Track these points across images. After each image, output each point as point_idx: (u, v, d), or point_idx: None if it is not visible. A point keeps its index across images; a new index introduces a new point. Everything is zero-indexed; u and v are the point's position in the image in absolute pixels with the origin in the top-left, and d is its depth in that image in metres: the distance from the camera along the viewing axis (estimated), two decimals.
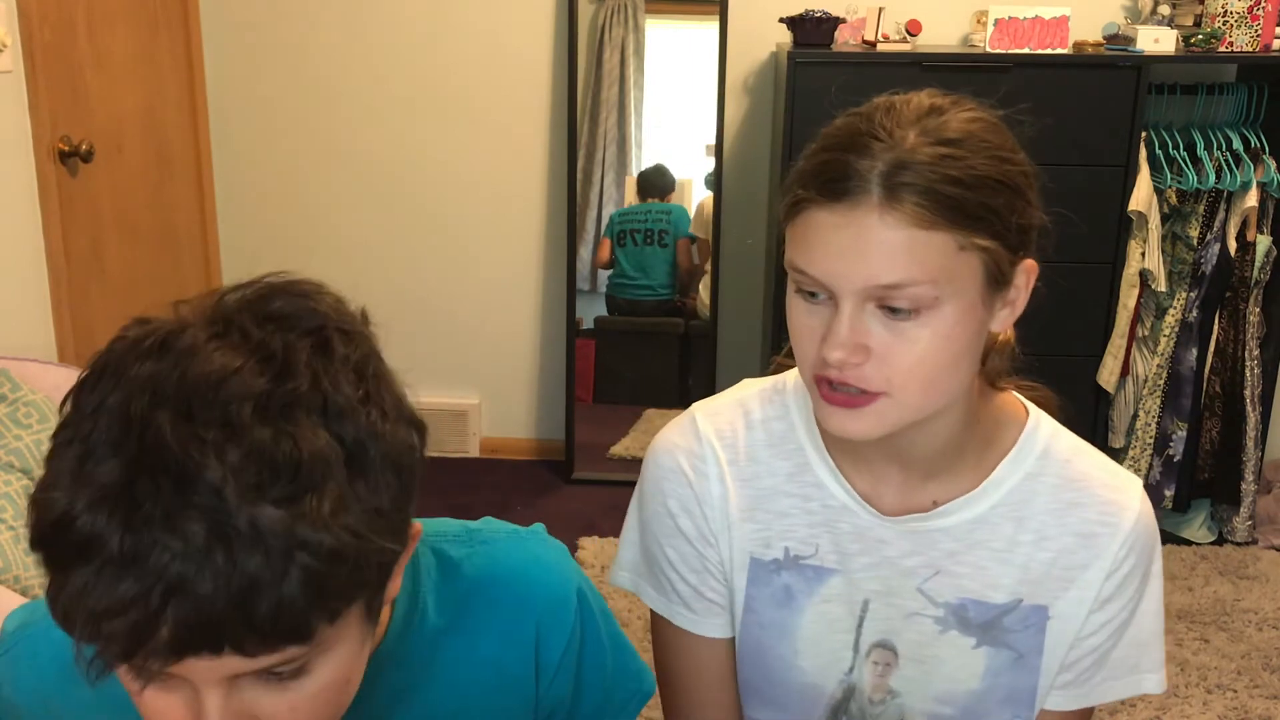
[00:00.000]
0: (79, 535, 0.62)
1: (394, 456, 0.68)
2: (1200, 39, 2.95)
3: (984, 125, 0.93)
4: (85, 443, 0.63)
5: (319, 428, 0.64)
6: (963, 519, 1.02)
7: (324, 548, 0.63)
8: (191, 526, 0.60)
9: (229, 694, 0.67)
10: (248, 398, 0.63)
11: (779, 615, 1.08)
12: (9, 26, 2.41)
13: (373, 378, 0.69)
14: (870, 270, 0.87)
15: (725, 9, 3.29)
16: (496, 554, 0.91)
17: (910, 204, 0.86)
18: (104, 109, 2.78)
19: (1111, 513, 1.02)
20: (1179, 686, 2.47)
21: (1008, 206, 0.90)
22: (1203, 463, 3.13)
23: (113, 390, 0.64)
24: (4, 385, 2.07)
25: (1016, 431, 1.04)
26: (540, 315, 3.61)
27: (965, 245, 0.87)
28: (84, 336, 2.70)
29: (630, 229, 3.64)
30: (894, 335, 0.89)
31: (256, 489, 0.61)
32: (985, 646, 1.05)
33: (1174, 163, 2.96)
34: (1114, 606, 1.03)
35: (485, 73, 3.43)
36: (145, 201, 3.00)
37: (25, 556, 1.87)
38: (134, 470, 0.62)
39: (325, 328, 0.69)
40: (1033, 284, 0.96)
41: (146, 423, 0.62)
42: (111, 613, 0.61)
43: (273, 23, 3.44)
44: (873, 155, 0.88)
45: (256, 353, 0.65)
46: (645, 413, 3.69)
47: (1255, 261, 2.99)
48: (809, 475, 1.06)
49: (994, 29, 2.90)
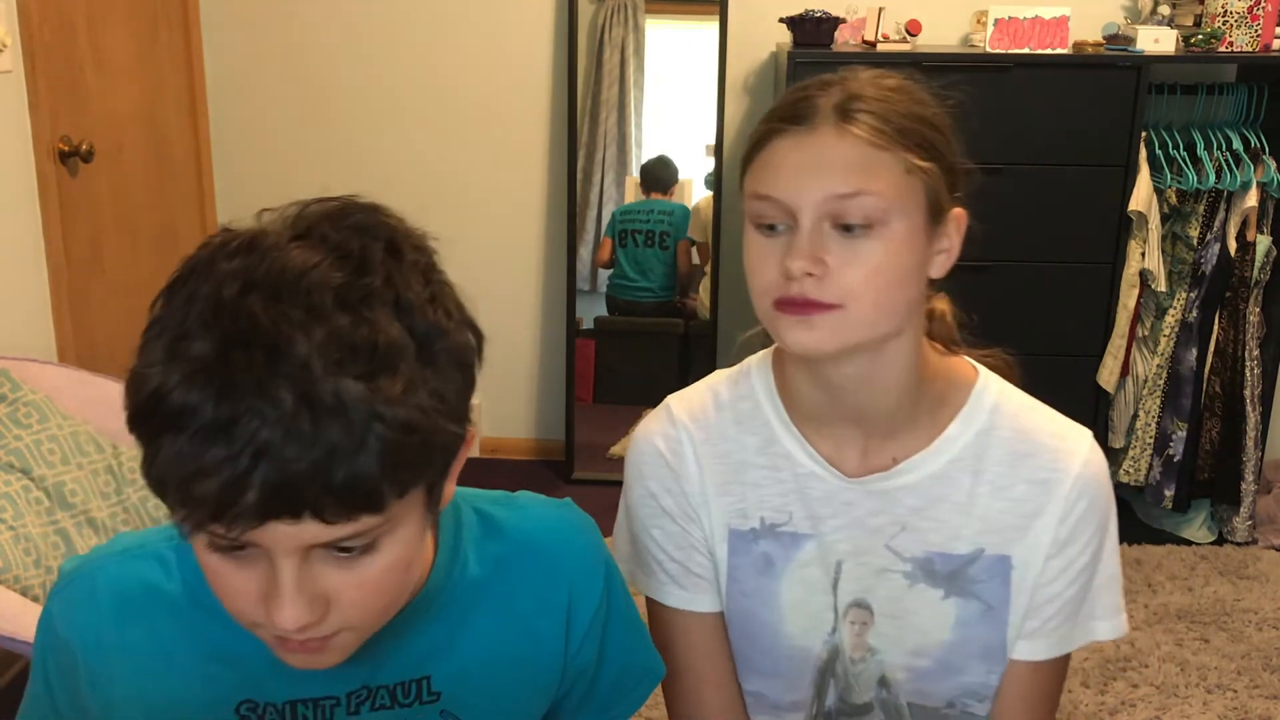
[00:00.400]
0: (173, 406, 0.66)
1: (457, 353, 0.74)
2: (1200, 39, 2.95)
3: (916, 84, 1.06)
4: (180, 326, 0.68)
5: (392, 319, 0.70)
6: (922, 475, 1.09)
7: (398, 420, 0.68)
8: (281, 394, 0.65)
9: (303, 566, 0.72)
10: (329, 288, 0.69)
11: (761, 582, 1.14)
12: (9, 26, 2.41)
13: (438, 282, 0.76)
14: (828, 182, 0.96)
15: (725, 9, 3.29)
16: (534, 518, 0.98)
17: (863, 124, 0.97)
18: (104, 109, 2.78)
19: (1060, 459, 1.08)
20: (1179, 686, 2.47)
21: (941, 143, 1.01)
22: (1203, 463, 3.13)
23: (204, 282, 0.69)
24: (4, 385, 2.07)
25: (966, 391, 1.11)
26: (540, 315, 3.61)
27: (910, 168, 0.98)
28: (84, 336, 2.70)
29: (631, 229, 3.64)
30: (849, 250, 0.97)
31: (339, 364, 0.67)
32: (953, 597, 1.11)
33: (1174, 163, 2.96)
34: (1071, 551, 1.09)
35: (485, 73, 3.43)
36: (145, 201, 3.00)
37: (25, 556, 1.88)
38: (227, 344, 0.66)
39: (396, 237, 0.75)
40: (964, 232, 1.05)
41: (239, 305, 0.67)
42: (203, 474, 0.66)
43: (273, 23, 3.44)
44: (829, 91, 1.00)
45: (335, 251, 0.71)
46: (645, 413, 3.68)
47: (1255, 261, 3.00)
48: (777, 446, 1.13)
49: (994, 29, 2.90)
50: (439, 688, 0.91)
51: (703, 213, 3.58)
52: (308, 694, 0.87)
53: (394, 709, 0.90)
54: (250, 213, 0.77)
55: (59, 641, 0.89)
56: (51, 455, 2.04)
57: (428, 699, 0.91)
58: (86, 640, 0.87)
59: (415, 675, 0.90)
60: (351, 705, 0.89)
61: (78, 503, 2.03)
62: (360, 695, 0.89)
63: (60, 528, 1.98)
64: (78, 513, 2.02)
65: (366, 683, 0.88)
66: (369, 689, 0.89)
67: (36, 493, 1.99)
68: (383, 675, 0.89)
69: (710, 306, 3.50)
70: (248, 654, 0.84)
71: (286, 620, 0.72)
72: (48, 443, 2.05)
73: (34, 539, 1.91)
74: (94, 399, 2.21)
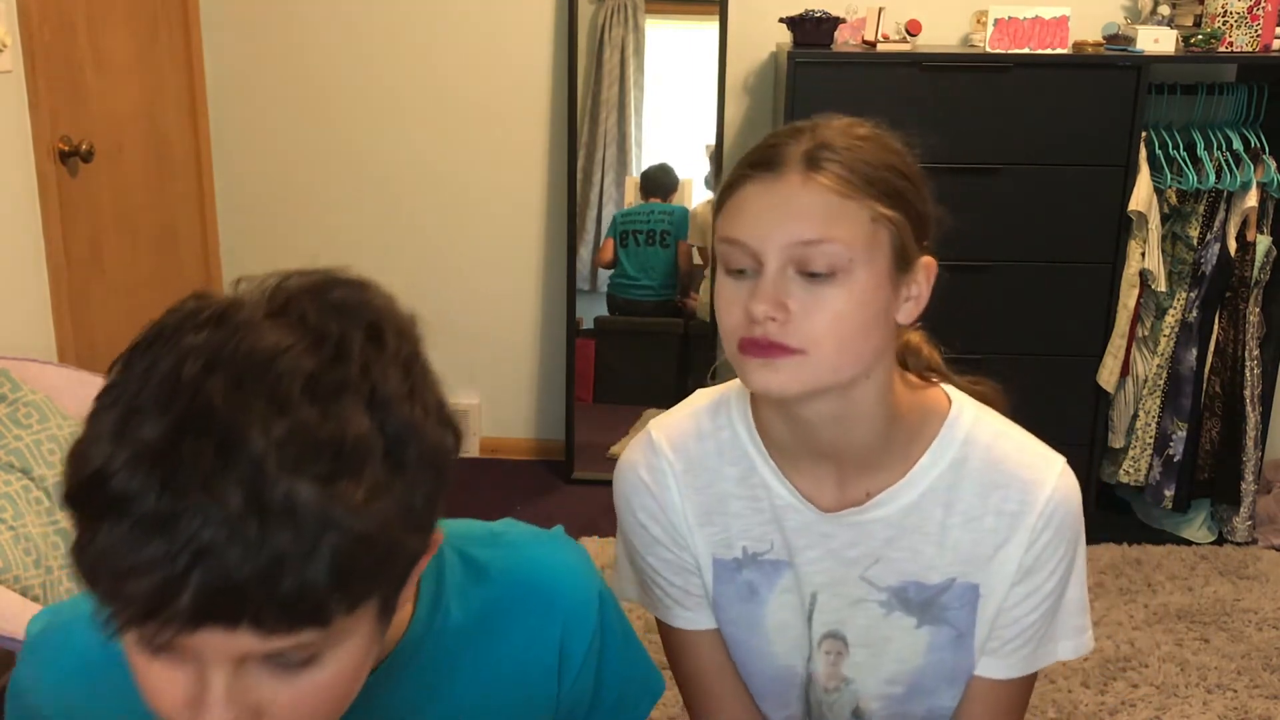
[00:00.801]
0: (114, 491, 0.62)
1: (430, 455, 0.69)
2: (1200, 39, 2.95)
3: (886, 134, 1.07)
4: (132, 401, 0.64)
5: (364, 415, 0.65)
6: (896, 508, 1.10)
7: (354, 532, 0.63)
8: (229, 492, 0.61)
9: (235, 677, 0.67)
10: (298, 375, 0.64)
11: (746, 609, 1.17)
12: (9, 26, 2.41)
13: (419, 375, 0.71)
14: (793, 228, 0.98)
15: (725, 9, 3.29)
16: (521, 556, 0.93)
17: (830, 173, 0.99)
18: (104, 109, 2.78)
19: (1029, 490, 1.09)
20: (1179, 687, 2.48)
21: (910, 192, 1.03)
22: (1203, 463, 3.13)
23: (165, 355, 0.65)
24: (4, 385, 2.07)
25: (939, 422, 1.12)
26: (540, 315, 3.61)
27: (876, 217, 0.99)
28: (84, 336, 2.70)
29: (632, 229, 3.64)
30: (812, 296, 0.98)
31: (296, 464, 0.62)
32: (926, 625, 1.13)
33: (1174, 163, 2.96)
34: (1036, 579, 1.11)
35: (485, 73, 3.43)
36: (145, 201, 3.00)
37: (25, 556, 1.88)
38: (180, 430, 0.62)
39: (380, 321, 0.70)
40: (933, 280, 1.06)
41: (198, 386, 0.63)
42: (137, 572, 0.61)
43: (273, 23, 3.44)
44: (798, 140, 1.02)
45: (311, 334, 0.67)
46: (645, 413, 3.68)
47: (1255, 261, 2.99)
48: (755, 478, 1.14)
49: (994, 29, 2.90)
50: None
51: (700, 216, 3.58)
52: None
53: None
54: (250, 212, 0.74)
55: (28, 709, 0.85)
56: (51, 455, 2.04)
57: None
58: (55, 709, 0.84)
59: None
60: None
61: None
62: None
63: (60, 528, 1.98)
64: None
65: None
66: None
67: (36, 493, 1.99)
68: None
69: (710, 307, 3.50)
70: None
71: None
72: (48, 443, 2.05)
73: (34, 539, 1.91)
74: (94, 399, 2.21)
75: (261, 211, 3.55)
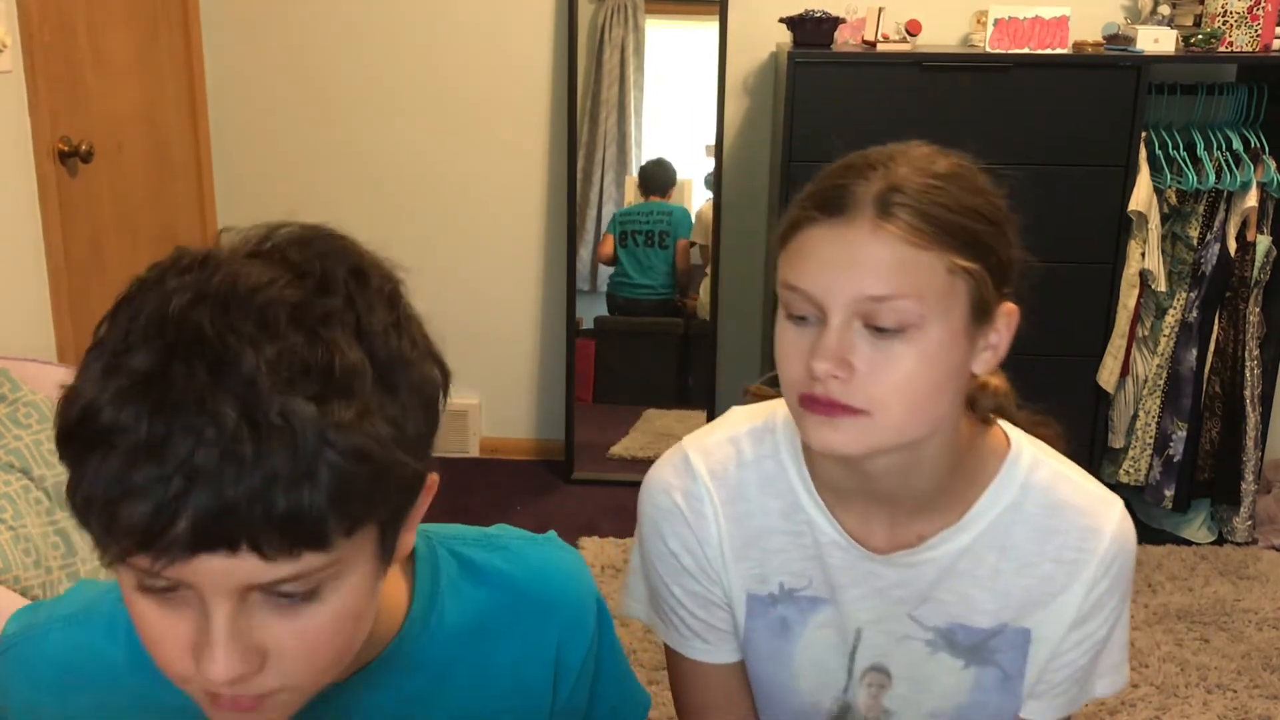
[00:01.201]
0: (104, 423, 0.61)
1: (419, 386, 0.69)
2: (1200, 39, 2.95)
3: (969, 169, 0.98)
4: (121, 342, 0.63)
5: (352, 342, 0.65)
6: (948, 551, 1.06)
7: (350, 447, 0.62)
8: (223, 411, 0.60)
9: (238, 612, 0.65)
10: (284, 304, 0.64)
11: (776, 644, 1.12)
12: (9, 26, 2.41)
13: (403, 311, 0.71)
14: (860, 282, 0.90)
15: (725, 9, 3.29)
16: (518, 560, 0.91)
17: (902, 222, 0.90)
18: (104, 109, 2.78)
19: (1087, 539, 1.05)
20: (1179, 687, 2.47)
21: (992, 237, 0.94)
22: (1203, 463, 3.13)
23: (150, 298, 0.65)
24: (4, 385, 2.07)
25: (997, 464, 1.06)
26: (540, 315, 3.61)
27: (953, 268, 0.91)
28: (84, 336, 2.69)
29: (631, 229, 3.64)
30: (879, 353, 0.91)
31: (289, 384, 0.61)
32: (973, 667, 1.09)
33: (1174, 163, 2.96)
34: (1092, 624, 1.07)
35: (485, 73, 3.43)
36: (145, 201, 3.00)
37: (25, 557, 1.88)
38: (169, 357, 0.61)
39: (362, 263, 0.70)
40: (1014, 328, 0.99)
41: (185, 317, 0.62)
42: (131, 496, 0.60)
43: (273, 23, 3.44)
44: (869, 179, 0.93)
45: (294, 270, 0.67)
46: (645, 413, 3.69)
47: (1255, 261, 2.99)
48: (800, 514, 1.08)
49: (994, 29, 2.90)
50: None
51: (704, 217, 3.58)
52: None
53: None
54: (250, 213, 0.75)
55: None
56: (51, 455, 2.04)
57: None
58: (23, 711, 0.83)
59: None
60: None
61: None
62: None
63: (60, 528, 1.98)
64: None
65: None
66: None
67: (36, 493, 1.99)
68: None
69: (710, 306, 3.50)
70: (197, 715, 0.75)
71: (218, 672, 0.65)
72: (47, 443, 2.05)
73: (34, 539, 1.91)
74: None
75: (261, 211, 3.49)
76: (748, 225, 3.47)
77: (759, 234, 3.49)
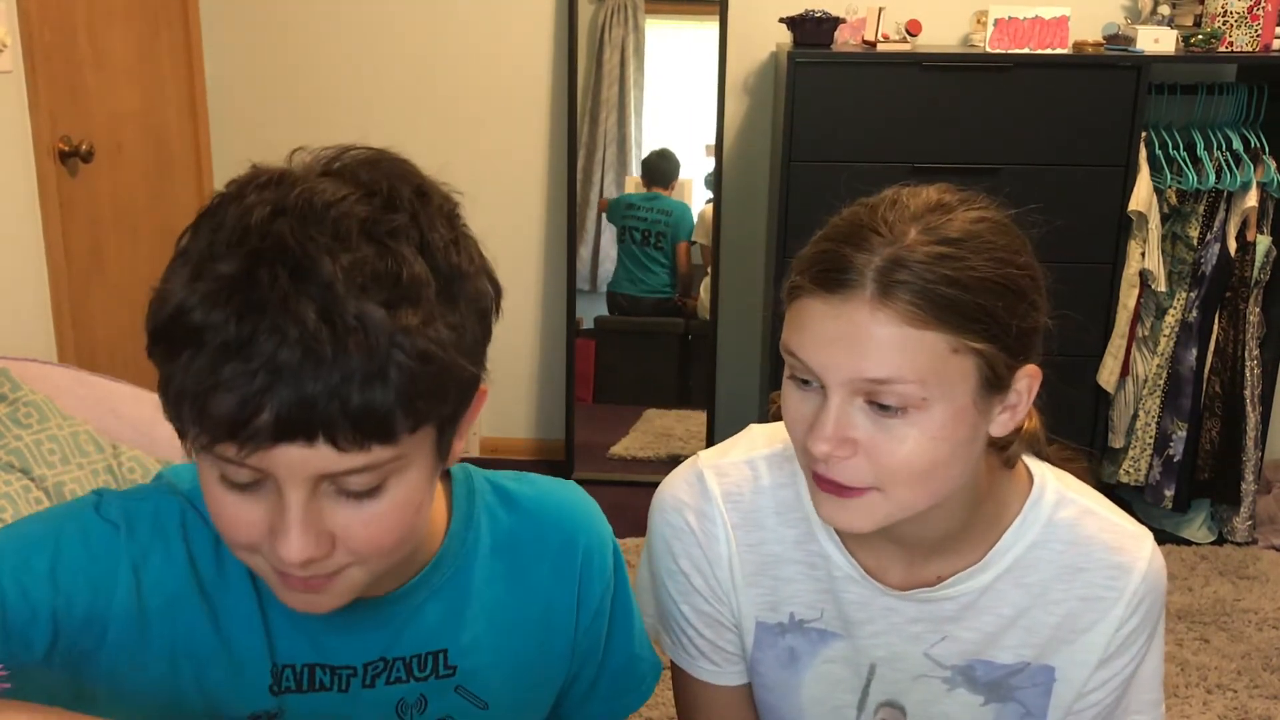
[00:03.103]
0: (194, 323, 0.67)
1: (476, 299, 0.75)
2: (1200, 39, 2.95)
3: (990, 226, 0.91)
4: (207, 250, 0.69)
5: (416, 255, 0.71)
6: (968, 589, 1.02)
7: (417, 350, 0.69)
8: (305, 313, 0.66)
9: (310, 499, 0.71)
10: (355, 218, 0.70)
11: (782, 675, 1.09)
12: (9, 26, 2.41)
13: (461, 230, 0.78)
14: (859, 364, 0.86)
15: (725, 9, 3.29)
16: (547, 493, 0.98)
17: (904, 302, 0.85)
18: (104, 109, 2.78)
19: (1116, 576, 1.02)
20: (1179, 686, 2.47)
21: (1007, 310, 0.88)
22: (1203, 463, 3.13)
23: (232, 210, 0.71)
24: (4, 385, 2.07)
25: (1020, 503, 1.03)
26: (540, 315, 3.61)
27: (958, 348, 0.86)
28: (84, 336, 2.70)
29: (630, 226, 3.64)
30: (881, 431, 0.88)
31: (363, 289, 0.68)
32: (993, 704, 1.05)
33: (1174, 163, 2.96)
34: (1119, 663, 1.04)
35: (485, 73, 3.43)
36: (145, 201, 3.00)
37: None
38: (253, 263, 0.67)
39: (424, 184, 0.78)
40: (1036, 390, 0.94)
41: (266, 227, 0.69)
42: (220, 390, 0.66)
43: (273, 23, 3.44)
44: (871, 249, 0.87)
45: (363, 188, 0.73)
46: (645, 413, 3.69)
47: (1255, 261, 2.99)
48: (814, 545, 1.05)
49: (994, 29, 2.90)
50: (455, 661, 0.90)
51: (705, 217, 3.58)
52: (325, 660, 0.86)
53: (409, 682, 0.89)
54: None
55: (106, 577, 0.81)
56: (51, 455, 2.04)
57: (444, 673, 0.90)
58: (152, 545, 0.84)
59: (431, 648, 0.89)
60: (367, 677, 0.88)
61: None
62: (377, 667, 0.88)
63: None
64: None
65: (384, 654, 0.88)
66: (385, 661, 0.88)
67: (36, 493, 1.99)
68: (399, 647, 0.88)
69: (710, 306, 3.50)
70: (276, 613, 0.84)
71: (293, 552, 0.71)
72: (48, 443, 2.05)
73: None
74: (94, 399, 2.21)
75: None
76: (748, 225, 3.47)
77: (759, 234, 3.49)
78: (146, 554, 0.82)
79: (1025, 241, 0.93)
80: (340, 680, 0.87)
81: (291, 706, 0.86)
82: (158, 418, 0.74)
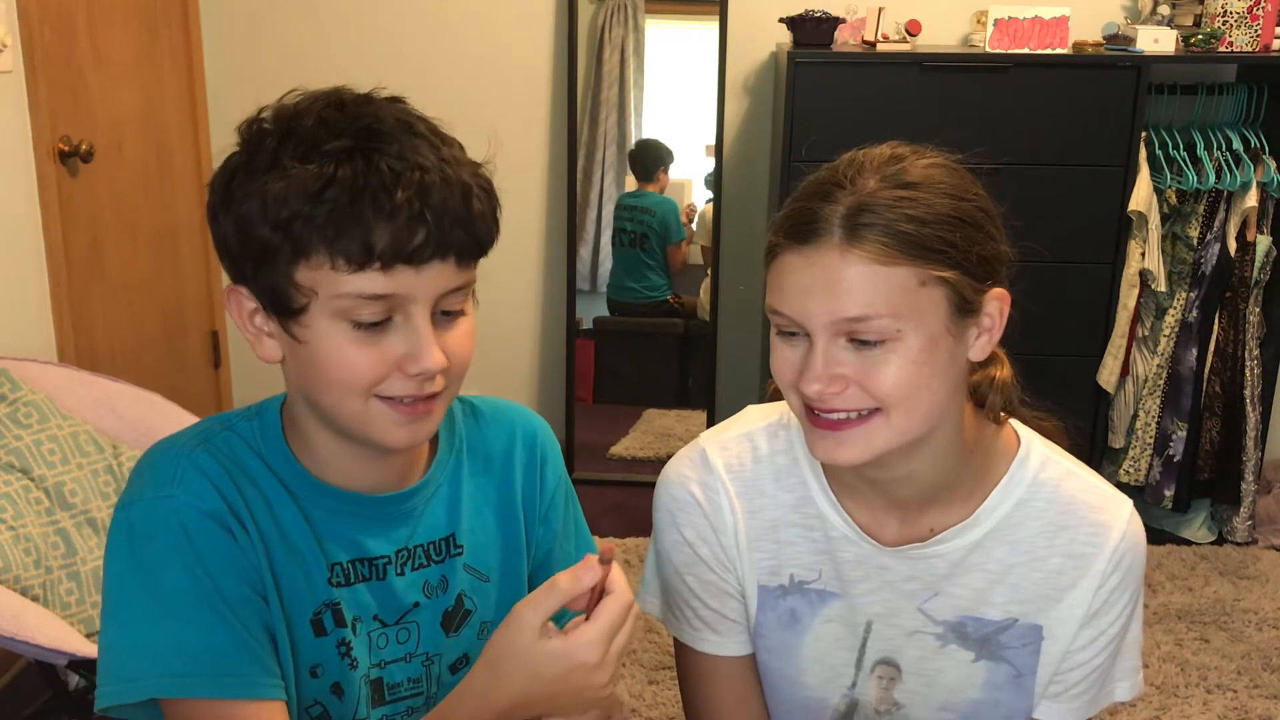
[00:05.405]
0: (337, 176, 0.86)
1: (487, 186, 0.95)
2: (1200, 39, 2.95)
3: (942, 170, 0.99)
4: (302, 145, 0.91)
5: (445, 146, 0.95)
6: (959, 545, 1.08)
7: (489, 186, 0.94)
8: (426, 154, 0.89)
9: (424, 322, 0.90)
10: (416, 117, 0.97)
11: (784, 637, 1.13)
12: (9, 26, 2.41)
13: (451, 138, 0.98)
14: (835, 305, 0.94)
15: (725, 9, 3.29)
16: (503, 405, 1.15)
17: (870, 242, 0.93)
18: (104, 109, 2.78)
19: (1097, 533, 1.07)
20: (1179, 687, 2.47)
21: (966, 240, 0.95)
22: (1203, 463, 3.13)
23: (296, 120, 0.96)
24: (4, 385, 2.06)
25: (1008, 461, 1.09)
26: (540, 315, 3.61)
27: (925, 280, 0.94)
28: (84, 336, 2.69)
29: (619, 227, 3.64)
30: (866, 363, 0.95)
31: (444, 140, 0.94)
32: (984, 660, 1.10)
33: (1174, 163, 2.96)
34: (1103, 622, 1.09)
35: (485, 73, 3.43)
36: (145, 201, 3.00)
37: (25, 557, 1.88)
38: (361, 137, 0.89)
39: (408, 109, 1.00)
40: (1007, 312, 1.00)
41: (345, 115, 0.94)
42: (382, 217, 0.85)
43: (273, 23, 3.44)
44: (836, 200, 0.95)
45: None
46: (645, 413, 3.69)
47: (1255, 261, 2.99)
48: (811, 507, 1.11)
49: (994, 29, 2.90)
50: (461, 542, 1.07)
51: (705, 217, 3.58)
52: (365, 554, 1.01)
53: (430, 566, 1.05)
54: None
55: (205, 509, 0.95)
56: (51, 455, 2.04)
57: (454, 552, 1.06)
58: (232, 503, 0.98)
59: (443, 535, 1.06)
60: (399, 565, 1.03)
61: (78, 503, 2.03)
62: (404, 555, 1.03)
63: (60, 528, 1.98)
64: (78, 513, 2.02)
65: (407, 544, 1.03)
66: (409, 550, 1.03)
67: (36, 493, 1.99)
68: (419, 536, 1.04)
69: (710, 306, 3.50)
70: (319, 519, 0.99)
71: (434, 360, 0.90)
72: (48, 442, 2.05)
73: (34, 539, 1.91)
74: (94, 399, 2.21)
75: None
76: (748, 225, 3.47)
77: (759, 234, 3.49)
78: (224, 517, 0.94)
79: (975, 180, 1.01)
80: (378, 570, 1.02)
81: (344, 598, 1.00)
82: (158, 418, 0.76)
